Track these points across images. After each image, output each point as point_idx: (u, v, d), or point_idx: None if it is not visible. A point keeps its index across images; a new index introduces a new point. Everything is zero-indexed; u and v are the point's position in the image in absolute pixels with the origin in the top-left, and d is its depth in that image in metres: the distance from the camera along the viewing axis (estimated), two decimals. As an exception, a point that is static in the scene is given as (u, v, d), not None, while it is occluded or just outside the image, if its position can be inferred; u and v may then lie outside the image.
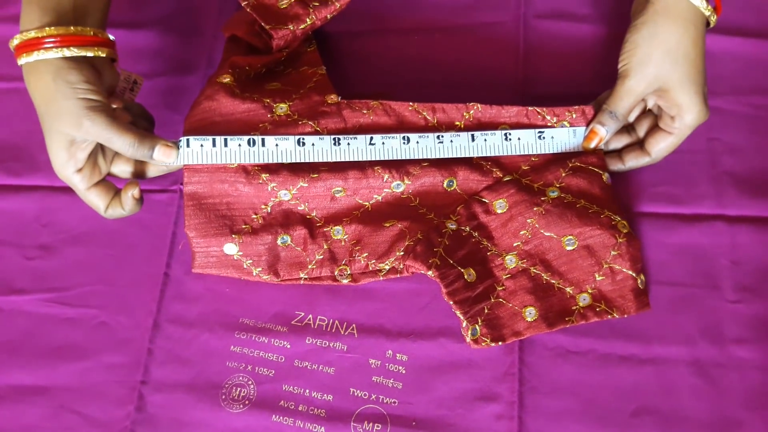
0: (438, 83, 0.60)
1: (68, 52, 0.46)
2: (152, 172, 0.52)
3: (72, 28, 0.47)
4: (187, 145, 0.51)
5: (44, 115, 0.47)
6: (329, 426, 0.49)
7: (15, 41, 0.47)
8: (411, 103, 0.55)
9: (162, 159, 0.50)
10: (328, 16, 0.57)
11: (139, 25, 0.64)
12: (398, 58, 0.61)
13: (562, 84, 0.59)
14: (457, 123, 0.55)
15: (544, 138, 0.53)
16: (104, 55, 0.49)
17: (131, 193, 0.49)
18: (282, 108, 0.54)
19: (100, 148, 0.49)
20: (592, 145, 0.52)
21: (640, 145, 0.53)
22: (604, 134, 0.52)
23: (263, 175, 0.53)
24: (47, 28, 0.46)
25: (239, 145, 0.52)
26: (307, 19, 0.56)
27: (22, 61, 0.46)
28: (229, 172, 0.52)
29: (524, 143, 0.53)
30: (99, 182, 0.49)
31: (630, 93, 0.51)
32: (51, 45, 0.46)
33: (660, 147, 0.52)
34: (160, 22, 0.64)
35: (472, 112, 0.55)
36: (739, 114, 0.57)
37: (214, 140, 0.52)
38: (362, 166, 0.53)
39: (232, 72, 0.55)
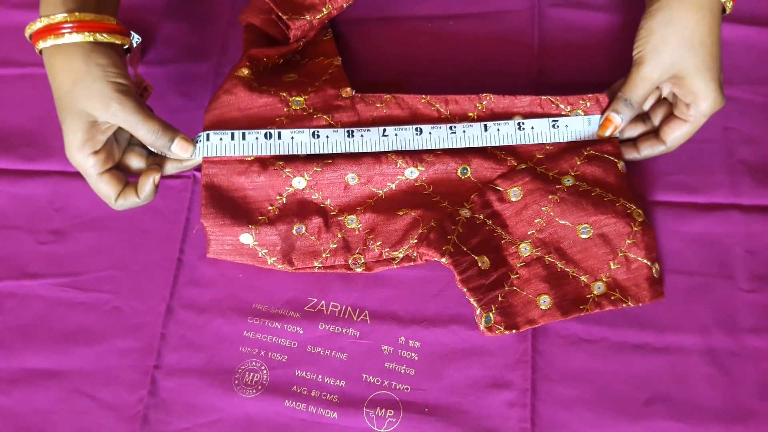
0: (451, 71, 0.60)
1: (100, 37, 0.47)
2: (168, 168, 0.52)
3: (100, 16, 0.47)
4: (207, 139, 0.52)
5: (67, 96, 0.47)
6: (342, 411, 0.49)
7: (38, 24, 0.47)
8: (423, 96, 0.55)
9: (178, 152, 0.50)
10: (344, 5, 0.57)
11: (152, 12, 0.64)
12: (411, 45, 0.61)
13: (577, 72, 0.58)
14: (470, 114, 0.55)
15: (558, 126, 0.53)
16: (126, 45, 0.49)
17: (153, 179, 0.49)
18: (298, 102, 0.55)
19: (114, 137, 0.49)
20: (607, 133, 0.52)
21: (655, 133, 0.53)
22: (619, 122, 0.52)
23: (278, 162, 0.53)
24: (77, 13, 0.46)
25: (256, 138, 0.52)
26: (324, 9, 0.56)
27: (49, 43, 0.46)
28: (245, 163, 0.53)
29: (538, 132, 0.53)
30: (110, 170, 0.49)
31: (644, 80, 0.50)
32: (81, 28, 0.46)
33: (675, 135, 0.51)
34: (173, 8, 0.64)
35: (485, 102, 0.55)
36: (754, 103, 0.56)
37: (232, 134, 0.53)
38: (376, 154, 0.53)
39: (250, 65, 0.55)
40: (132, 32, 0.56)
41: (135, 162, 0.51)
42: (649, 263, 0.49)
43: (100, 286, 0.54)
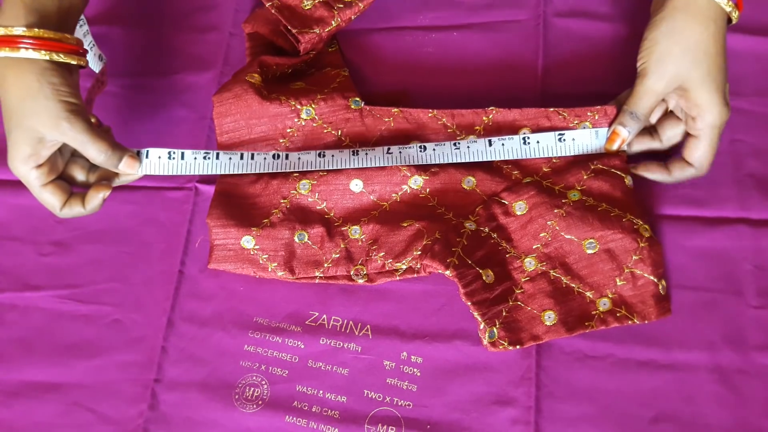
0: (455, 82, 0.59)
1: (56, 57, 0.46)
2: (114, 183, 0.52)
3: (60, 34, 0.47)
4: (217, 158, 0.53)
5: (16, 110, 0.46)
6: (343, 428, 0.49)
7: None
8: (430, 111, 0.55)
9: (126, 170, 0.50)
10: (352, 17, 0.57)
11: (154, 23, 0.64)
12: (415, 56, 0.60)
13: (582, 83, 0.57)
14: (477, 128, 0.54)
15: (564, 140, 0.52)
16: (83, 63, 0.49)
17: (103, 194, 0.50)
18: (308, 112, 0.55)
19: (58, 149, 0.49)
20: (615, 146, 0.51)
21: (679, 157, 0.51)
22: (626, 135, 0.51)
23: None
24: (36, 29, 0.46)
25: (264, 158, 0.53)
26: (333, 22, 0.56)
27: (2, 54, 0.46)
28: (258, 175, 0.54)
29: (544, 146, 0.52)
30: (53, 180, 0.49)
31: (649, 92, 0.49)
32: (39, 46, 0.46)
33: (695, 153, 0.49)
34: (176, 18, 0.64)
35: (491, 116, 0.54)
36: (763, 115, 0.55)
37: (242, 154, 0.53)
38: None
39: (260, 71, 0.55)
40: (101, 53, 0.56)
41: (78, 174, 0.51)
42: (655, 280, 0.48)
43: (100, 299, 0.54)
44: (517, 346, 0.48)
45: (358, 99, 0.56)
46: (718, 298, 0.50)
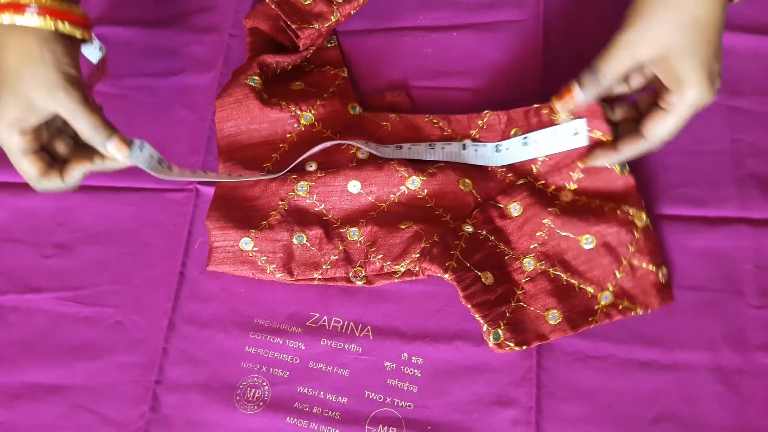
0: (456, 82, 0.59)
1: (61, 26, 0.46)
2: (96, 164, 0.48)
3: (66, 5, 0.46)
4: (205, 174, 0.53)
5: (13, 75, 0.45)
6: (344, 428, 0.49)
7: None
8: (427, 115, 0.55)
9: (113, 152, 0.47)
10: (351, 12, 0.58)
11: (155, 23, 0.64)
12: (414, 56, 0.60)
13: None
14: (472, 132, 0.54)
15: (527, 144, 0.52)
16: (87, 38, 0.48)
17: (84, 168, 0.47)
18: (307, 117, 0.55)
19: (45, 122, 0.48)
20: (562, 104, 0.48)
21: (632, 133, 0.49)
22: (579, 98, 0.47)
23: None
24: None
25: (252, 175, 0.54)
26: (332, 17, 0.56)
27: (6, 19, 0.45)
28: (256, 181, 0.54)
29: (513, 152, 0.53)
30: (35, 151, 0.47)
31: (624, 48, 0.45)
32: (44, 13, 0.45)
33: (657, 129, 0.46)
34: (176, 19, 0.64)
35: (486, 119, 0.54)
36: (763, 114, 0.55)
37: (229, 174, 0.54)
38: (379, 163, 0.53)
39: (260, 72, 0.56)
40: (101, 44, 0.56)
41: (61, 149, 0.49)
42: (654, 269, 0.48)
43: (102, 301, 0.54)
44: (524, 347, 0.48)
45: (356, 105, 0.56)
46: (719, 297, 0.50)
